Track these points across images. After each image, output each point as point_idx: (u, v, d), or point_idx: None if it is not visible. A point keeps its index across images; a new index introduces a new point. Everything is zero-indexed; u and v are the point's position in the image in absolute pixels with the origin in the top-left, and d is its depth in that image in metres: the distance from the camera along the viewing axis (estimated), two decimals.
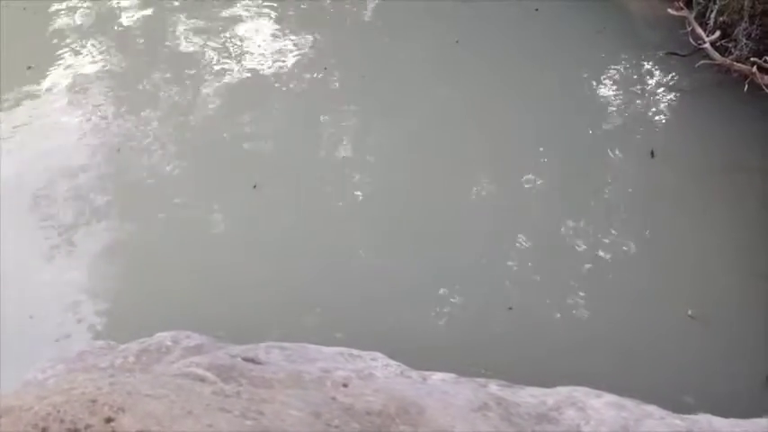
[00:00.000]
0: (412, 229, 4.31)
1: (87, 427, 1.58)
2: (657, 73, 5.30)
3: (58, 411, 1.61)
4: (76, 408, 1.61)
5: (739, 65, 3.62)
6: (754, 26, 4.98)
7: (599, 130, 4.86)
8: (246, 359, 2.61)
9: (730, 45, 5.15)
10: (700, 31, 3.75)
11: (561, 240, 4.25)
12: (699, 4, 5.49)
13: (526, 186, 4.52)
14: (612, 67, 5.36)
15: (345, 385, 2.53)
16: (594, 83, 5.23)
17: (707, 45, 3.64)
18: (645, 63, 5.40)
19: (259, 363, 2.64)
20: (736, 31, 5.11)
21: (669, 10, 4.49)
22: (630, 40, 5.61)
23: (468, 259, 4.11)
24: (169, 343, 2.80)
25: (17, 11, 5.96)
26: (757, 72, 3.51)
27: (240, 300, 3.91)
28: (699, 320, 3.79)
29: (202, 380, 2.13)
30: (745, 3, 5.02)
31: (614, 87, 5.22)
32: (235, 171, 4.69)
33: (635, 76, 5.31)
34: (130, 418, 1.61)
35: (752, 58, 4.18)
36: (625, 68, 5.36)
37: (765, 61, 3.95)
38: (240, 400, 1.90)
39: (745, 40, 5.04)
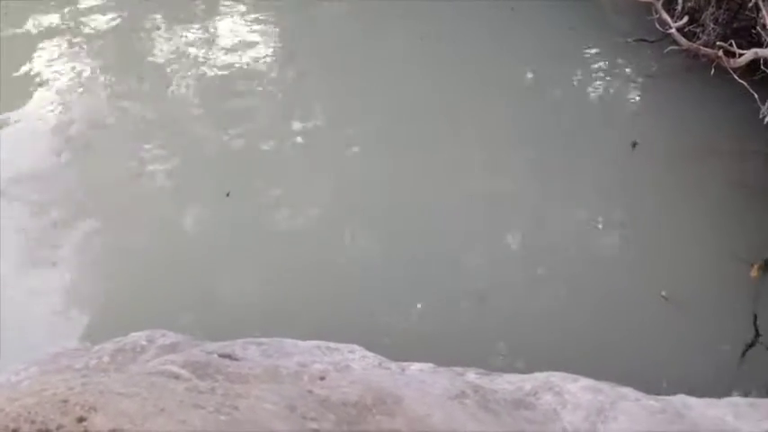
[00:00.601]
0: (387, 224, 4.31)
1: (59, 427, 1.56)
2: (627, 61, 5.34)
3: (29, 412, 1.59)
4: (48, 408, 1.60)
5: (706, 49, 3.65)
6: (721, 11, 5.04)
7: (570, 119, 4.89)
8: (223, 355, 2.61)
9: (698, 30, 5.21)
10: (666, 16, 3.79)
11: (537, 229, 4.27)
12: None
13: (501, 179, 4.54)
14: (584, 57, 5.40)
15: (322, 378, 2.54)
16: (567, 75, 5.26)
17: (673, 31, 3.66)
18: (615, 52, 5.44)
19: (236, 359, 2.63)
20: (703, 16, 5.17)
21: None
22: (601, 30, 5.64)
23: (443, 251, 4.13)
24: (144, 342, 2.78)
25: None
26: (723, 56, 3.54)
27: (215, 298, 3.91)
28: (673, 301, 3.85)
29: (177, 377, 2.12)
30: None
31: (586, 78, 5.25)
32: (209, 169, 4.67)
33: (605, 66, 5.35)
34: (102, 417, 1.60)
35: (718, 42, 4.23)
36: (596, 58, 5.40)
37: (731, 45, 4.00)
38: (215, 396, 1.89)
39: (712, 25, 5.10)
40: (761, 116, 4.38)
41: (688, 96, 4.87)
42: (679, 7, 5.37)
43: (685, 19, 5.28)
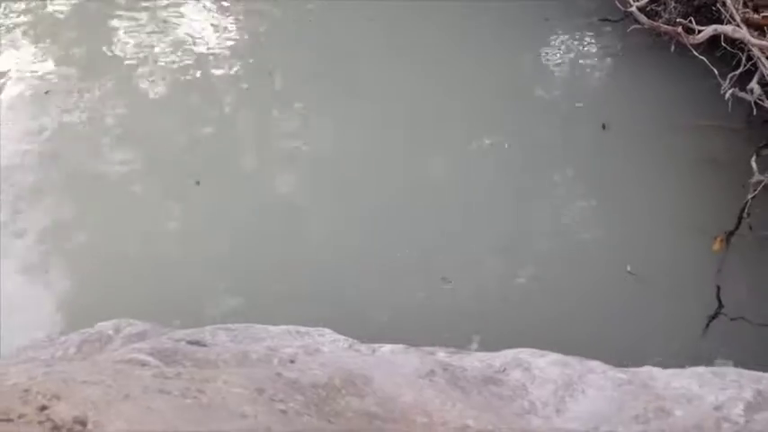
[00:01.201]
0: (358, 209, 4.32)
1: (21, 416, 1.55)
2: (592, 41, 5.36)
3: None
4: (8, 398, 1.59)
5: (666, 27, 3.69)
6: None
7: (535, 102, 4.90)
8: (191, 342, 2.60)
9: (660, 9, 5.26)
10: None
11: (504, 209, 4.30)
12: None
13: (469, 162, 4.55)
14: (549, 38, 5.40)
15: (292, 361, 2.54)
16: (531, 57, 5.26)
17: (634, 9, 3.70)
18: (580, 32, 5.45)
19: (204, 345, 2.63)
20: None
21: None
22: (566, 10, 5.64)
23: (413, 234, 4.15)
24: (111, 332, 2.77)
25: None
26: (683, 33, 3.59)
27: (183, 284, 3.90)
28: (638, 276, 3.91)
29: (143, 365, 2.11)
30: None
31: (551, 59, 5.26)
32: (178, 162, 4.61)
33: (571, 46, 5.36)
34: (65, 405, 1.59)
35: (679, 20, 4.28)
36: (561, 39, 5.41)
37: (691, 22, 4.06)
38: (181, 381, 1.89)
39: (673, 3, 5.14)
40: (722, 92, 4.45)
41: (652, 74, 4.92)
42: None
43: None
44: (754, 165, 4.12)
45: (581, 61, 5.26)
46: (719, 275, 3.77)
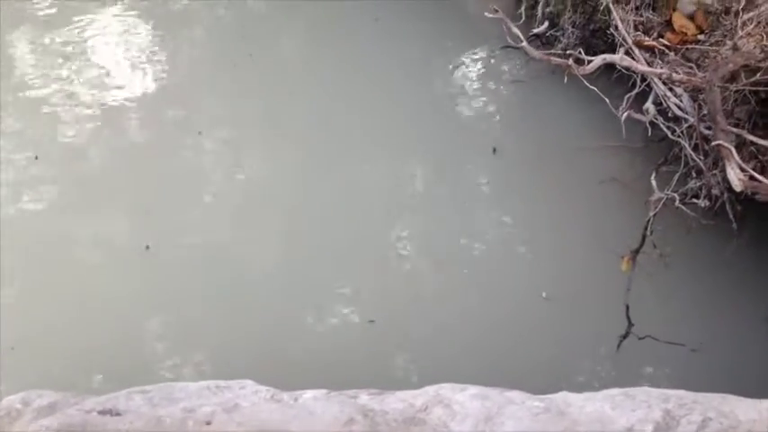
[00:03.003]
0: (272, 248, 4.31)
1: None
2: (495, 67, 5.52)
3: None
4: None
5: (556, 59, 3.84)
6: (578, 14, 5.30)
7: (439, 132, 5.00)
8: (103, 412, 2.52)
9: (558, 34, 5.47)
10: (517, 31, 3.96)
11: (410, 245, 4.37)
12: None
13: (371, 194, 4.60)
14: (453, 66, 5.53)
15: (209, 423, 2.51)
16: (433, 85, 5.38)
17: (524, 45, 3.83)
18: (483, 59, 5.61)
19: (117, 413, 2.55)
20: (562, 21, 5.42)
21: (486, 13, 4.70)
22: (469, 38, 5.80)
23: (330, 274, 4.17)
24: (19, 406, 2.66)
25: None
26: (574, 64, 3.74)
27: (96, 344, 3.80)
28: (553, 301, 4.02)
29: None
30: None
31: (455, 87, 5.40)
32: (102, 192, 4.54)
33: (475, 74, 5.52)
34: None
35: (568, 51, 4.46)
36: (465, 66, 5.55)
37: (589, 48, 4.24)
38: None
39: (571, 29, 5.36)
40: (619, 113, 4.65)
41: (554, 98, 5.08)
42: (539, 13, 5.64)
43: (546, 24, 5.54)
44: (653, 182, 4.30)
45: (484, 88, 5.41)
46: (629, 294, 3.89)
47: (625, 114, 4.47)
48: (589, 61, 3.81)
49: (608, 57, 3.82)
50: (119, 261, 4.20)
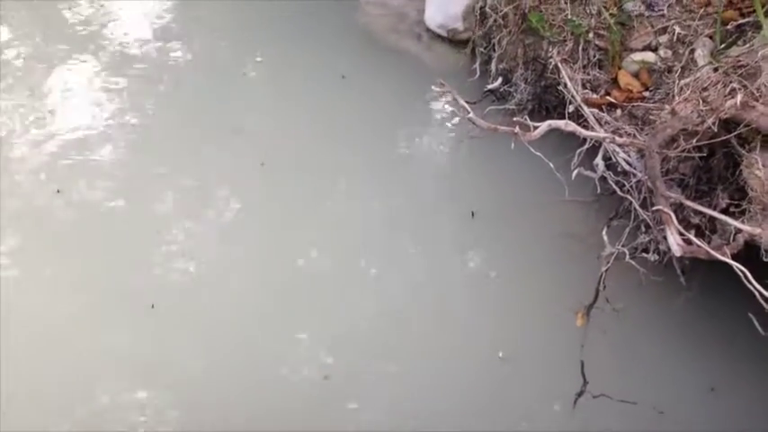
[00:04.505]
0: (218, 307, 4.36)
1: None
2: (452, 124, 5.65)
3: None
4: None
5: (503, 128, 3.96)
6: (529, 72, 5.46)
7: (401, 189, 5.10)
8: None
9: (512, 89, 5.62)
10: (463, 102, 4.07)
11: (375, 302, 4.44)
12: (482, 53, 5.95)
13: (340, 258, 4.67)
14: (410, 124, 5.65)
15: None
16: (383, 144, 5.42)
17: (471, 116, 3.97)
18: (441, 115, 5.75)
19: None
20: (515, 77, 5.58)
21: (433, 87, 4.84)
22: (429, 94, 5.92)
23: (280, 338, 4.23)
24: None
25: None
26: (520, 131, 3.87)
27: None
28: (509, 361, 4.09)
29: None
30: (518, 51, 5.49)
31: (409, 144, 5.50)
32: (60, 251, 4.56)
33: (431, 130, 5.65)
34: None
35: (515, 118, 4.59)
36: (422, 124, 5.68)
37: (530, 115, 4.39)
38: None
39: (523, 85, 5.52)
40: (572, 168, 4.77)
41: (509, 155, 5.19)
42: (493, 70, 5.80)
43: (499, 80, 5.70)
44: (605, 237, 4.39)
45: (443, 145, 5.54)
46: (583, 351, 3.98)
47: (576, 171, 4.58)
48: (535, 127, 3.92)
49: (552, 123, 3.95)
50: None
